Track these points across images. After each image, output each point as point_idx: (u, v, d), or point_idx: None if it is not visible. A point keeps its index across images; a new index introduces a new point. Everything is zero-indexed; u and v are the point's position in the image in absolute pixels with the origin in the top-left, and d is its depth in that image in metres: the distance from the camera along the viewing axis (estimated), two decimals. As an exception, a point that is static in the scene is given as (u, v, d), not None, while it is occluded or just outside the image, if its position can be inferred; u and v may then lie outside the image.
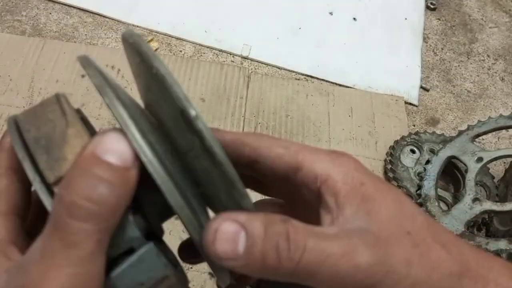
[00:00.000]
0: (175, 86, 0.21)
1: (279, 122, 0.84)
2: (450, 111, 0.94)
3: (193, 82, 0.86)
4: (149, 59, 0.22)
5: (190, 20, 0.97)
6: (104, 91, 0.21)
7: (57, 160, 0.21)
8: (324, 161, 0.24)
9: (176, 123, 0.23)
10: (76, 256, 0.19)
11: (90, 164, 0.20)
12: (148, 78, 0.23)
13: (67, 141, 0.22)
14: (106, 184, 0.20)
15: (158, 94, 0.23)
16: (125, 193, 0.21)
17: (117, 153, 0.20)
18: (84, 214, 0.19)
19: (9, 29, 0.89)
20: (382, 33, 1.03)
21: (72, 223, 0.19)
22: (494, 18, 1.12)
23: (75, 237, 0.19)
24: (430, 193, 0.73)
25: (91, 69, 0.22)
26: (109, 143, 0.20)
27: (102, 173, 0.20)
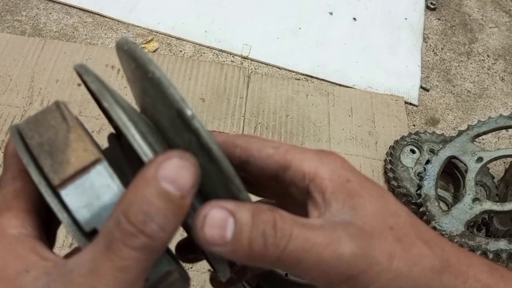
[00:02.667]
0: (171, 88, 0.21)
1: (279, 122, 0.84)
2: (450, 111, 0.94)
3: (193, 82, 0.86)
4: (145, 64, 0.22)
5: (190, 20, 0.97)
6: (103, 96, 0.22)
7: (61, 164, 0.22)
8: (312, 160, 0.25)
9: (172, 124, 0.23)
10: (122, 280, 0.20)
11: (150, 191, 0.20)
12: (144, 83, 0.23)
13: (70, 145, 0.22)
14: (163, 216, 0.20)
15: (154, 98, 0.24)
16: (179, 223, 0.21)
17: (177, 182, 0.20)
18: (139, 245, 0.20)
19: (9, 29, 0.89)
20: (382, 33, 1.03)
21: (125, 250, 0.20)
22: (494, 18, 1.12)
23: (125, 262, 0.20)
24: (430, 193, 0.73)
25: (89, 75, 0.23)
26: (170, 169, 0.20)
27: (161, 204, 0.20)
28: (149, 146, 0.22)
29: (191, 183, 0.20)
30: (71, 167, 0.22)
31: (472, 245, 0.67)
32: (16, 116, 0.77)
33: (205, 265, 0.66)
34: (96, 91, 0.22)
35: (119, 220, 0.20)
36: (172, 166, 0.20)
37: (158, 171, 0.20)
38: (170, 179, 0.20)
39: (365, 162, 0.81)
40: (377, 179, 0.80)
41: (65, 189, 0.22)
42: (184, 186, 0.20)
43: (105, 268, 0.20)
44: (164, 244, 0.21)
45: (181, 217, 0.21)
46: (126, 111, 0.22)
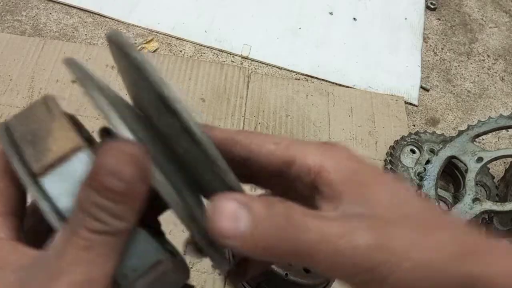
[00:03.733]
0: (151, 71, 0.21)
1: (279, 122, 0.84)
2: (450, 111, 0.94)
3: (193, 82, 0.86)
4: (128, 50, 0.22)
5: (190, 20, 0.97)
6: (85, 83, 0.22)
7: (42, 152, 0.22)
8: (316, 153, 0.25)
9: (157, 110, 0.23)
10: (86, 259, 0.20)
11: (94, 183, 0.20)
12: (131, 72, 0.23)
13: (52, 134, 0.22)
14: (112, 205, 0.20)
15: (140, 85, 0.23)
16: (134, 210, 0.21)
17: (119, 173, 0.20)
18: (96, 229, 0.20)
19: (9, 29, 0.89)
20: (382, 33, 1.03)
21: (84, 232, 0.20)
22: (494, 18, 1.12)
23: (87, 243, 0.20)
24: (430, 193, 0.73)
25: (73, 66, 0.23)
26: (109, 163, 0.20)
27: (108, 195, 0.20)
28: (132, 132, 0.21)
29: (136, 172, 0.20)
30: (52, 155, 0.22)
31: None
32: (16, 116, 0.77)
33: (205, 265, 0.66)
34: (77, 79, 0.22)
35: (78, 205, 0.21)
36: (111, 157, 0.20)
37: (100, 163, 0.20)
38: (112, 172, 0.20)
39: (365, 162, 0.81)
40: (377, 179, 0.80)
41: (46, 177, 0.22)
42: (129, 177, 0.20)
43: (70, 248, 0.20)
44: (124, 230, 0.21)
45: (136, 203, 0.21)
46: (109, 98, 0.22)
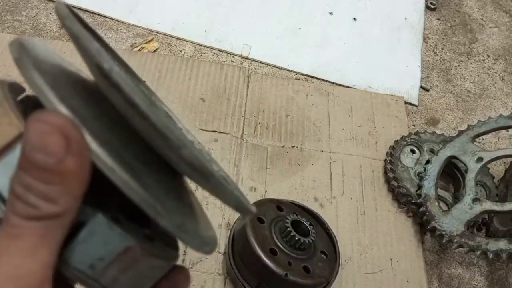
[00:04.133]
0: (86, 41, 0.19)
1: (279, 122, 0.84)
2: (450, 111, 0.94)
3: (193, 82, 0.86)
4: (63, 20, 0.20)
5: (190, 20, 0.97)
6: (21, 63, 0.20)
7: None
8: None
9: (102, 83, 0.21)
10: (17, 247, 0.19)
11: (23, 162, 0.19)
12: (76, 45, 0.22)
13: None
14: (41, 186, 0.19)
15: (84, 58, 0.22)
16: (70, 190, 0.19)
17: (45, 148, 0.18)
18: (24, 214, 0.19)
19: (9, 29, 0.89)
20: (382, 33, 1.03)
21: (13, 218, 0.19)
22: (494, 18, 1.12)
23: (17, 231, 0.19)
24: (430, 193, 0.73)
25: (14, 45, 0.21)
26: (33, 136, 0.18)
27: (36, 174, 0.19)
28: (70, 109, 0.19)
29: (62, 143, 0.18)
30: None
31: (472, 245, 0.67)
32: (16, 116, 0.77)
33: (205, 265, 0.66)
34: (15, 60, 0.21)
35: (10, 191, 0.19)
36: (35, 131, 0.18)
37: (25, 140, 0.19)
38: (37, 147, 0.18)
39: (365, 162, 0.81)
40: (377, 179, 0.80)
41: None
42: (54, 149, 0.18)
43: (0, 239, 0.19)
44: (59, 214, 0.19)
45: (71, 183, 0.19)
46: (48, 76, 0.20)
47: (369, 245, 0.73)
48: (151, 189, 0.21)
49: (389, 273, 0.71)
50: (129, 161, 0.21)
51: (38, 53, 0.23)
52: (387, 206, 0.77)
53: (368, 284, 0.69)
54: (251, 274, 0.61)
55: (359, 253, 0.72)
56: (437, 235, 0.69)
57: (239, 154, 0.78)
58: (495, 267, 0.76)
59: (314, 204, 0.74)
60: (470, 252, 0.68)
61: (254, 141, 0.81)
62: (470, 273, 0.75)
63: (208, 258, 0.67)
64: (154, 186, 0.22)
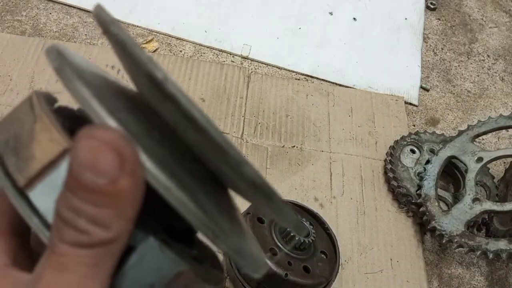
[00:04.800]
0: (136, 49, 0.18)
1: (279, 122, 0.84)
2: (450, 111, 0.94)
3: (193, 82, 0.86)
4: (107, 25, 0.19)
5: (190, 20, 0.97)
6: (63, 72, 0.19)
7: (26, 160, 0.19)
8: None
9: (152, 94, 0.19)
10: (65, 280, 0.17)
11: (71, 183, 0.17)
12: (120, 54, 0.20)
13: (35, 137, 0.19)
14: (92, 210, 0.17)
15: (129, 66, 0.20)
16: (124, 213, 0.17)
17: (96, 167, 0.16)
18: (73, 240, 0.17)
19: (9, 29, 0.89)
20: (382, 33, 1.03)
21: (60, 245, 0.17)
22: (494, 18, 1.12)
23: (63, 259, 0.17)
24: (430, 193, 0.73)
25: (52, 53, 0.20)
26: (83, 154, 0.16)
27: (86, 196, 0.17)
28: (120, 122, 0.18)
29: (116, 162, 0.16)
30: (36, 163, 0.18)
31: (472, 245, 0.67)
32: (16, 116, 0.77)
33: (205, 265, 0.66)
34: (56, 69, 0.19)
35: (56, 212, 0.17)
36: (85, 149, 0.16)
37: (73, 156, 0.16)
38: (87, 166, 0.16)
39: (365, 162, 0.81)
40: (377, 179, 0.80)
41: (33, 190, 0.18)
42: (106, 169, 0.16)
43: (46, 269, 0.17)
44: (111, 240, 0.17)
45: (124, 205, 0.17)
46: (93, 87, 0.19)
47: (369, 245, 0.73)
48: (207, 210, 0.19)
49: (389, 273, 0.71)
50: (182, 179, 0.19)
51: (77, 62, 0.21)
52: (387, 206, 0.77)
53: (368, 284, 0.69)
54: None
55: (359, 253, 0.72)
56: (437, 235, 0.69)
57: (239, 154, 0.78)
58: (495, 267, 0.76)
59: (314, 204, 0.74)
60: (470, 252, 0.68)
61: (254, 141, 0.81)
62: (470, 273, 0.75)
63: (208, 258, 0.67)
64: (209, 206, 0.20)
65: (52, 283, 0.17)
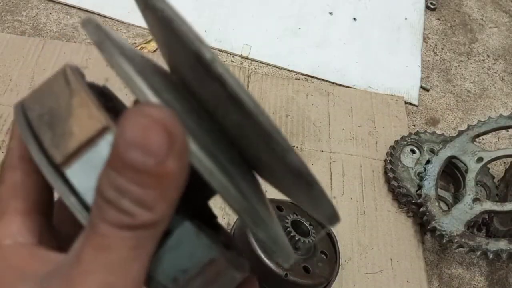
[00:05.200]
0: (183, 26, 0.17)
1: (279, 122, 0.84)
2: (450, 111, 0.94)
3: (193, 82, 0.86)
4: (153, 1, 0.18)
5: (190, 20, 0.96)
6: (104, 46, 0.18)
7: (63, 136, 0.18)
8: None
9: (195, 74, 0.19)
10: (106, 261, 0.17)
11: (116, 162, 0.16)
12: (160, 29, 0.19)
13: (72, 112, 0.18)
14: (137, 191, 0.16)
15: (172, 44, 0.19)
16: (169, 196, 0.17)
17: (146, 146, 0.16)
18: (116, 221, 0.17)
19: (9, 29, 0.89)
20: (382, 33, 1.03)
21: (103, 226, 0.17)
22: (494, 18, 1.12)
23: (106, 240, 0.17)
24: (430, 193, 0.73)
25: (91, 27, 0.19)
26: (132, 131, 0.16)
27: (132, 176, 0.16)
28: (165, 103, 0.17)
29: (166, 142, 0.16)
30: (74, 140, 0.18)
31: (472, 245, 0.67)
32: (16, 116, 0.77)
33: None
34: (96, 42, 0.18)
35: (97, 191, 0.17)
36: (135, 126, 0.16)
37: (121, 134, 0.16)
38: (136, 144, 0.16)
39: (365, 162, 0.81)
40: (377, 179, 0.80)
41: (70, 168, 0.18)
42: (157, 148, 0.16)
43: (86, 249, 0.17)
44: (154, 223, 0.17)
45: (170, 187, 0.17)
46: (135, 64, 0.18)
47: (369, 245, 0.73)
48: (247, 196, 0.19)
49: (389, 273, 0.71)
50: (223, 163, 0.19)
51: (115, 37, 0.20)
52: (387, 206, 0.77)
53: (368, 284, 0.69)
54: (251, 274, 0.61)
55: (359, 253, 0.72)
56: (437, 235, 0.69)
57: (239, 154, 0.78)
58: (495, 267, 0.76)
59: (314, 204, 0.74)
60: (470, 252, 0.68)
61: (254, 141, 0.81)
62: (470, 273, 0.75)
63: (208, 258, 0.67)
64: (248, 192, 0.20)
65: (93, 263, 0.17)
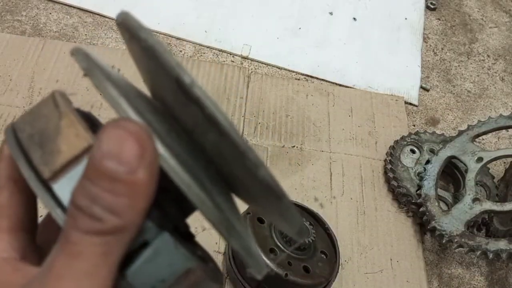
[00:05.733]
0: (165, 54, 0.19)
1: (279, 122, 0.84)
2: (450, 111, 0.94)
3: (193, 82, 0.86)
4: (136, 31, 0.20)
5: (190, 20, 0.97)
6: (93, 73, 0.20)
7: (51, 153, 0.20)
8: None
9: (176, 97, 0.21)
10: (77, 268, 0.18)
11: (91, 171, 0.18)
12: (144, 57, 0.21)
13: (60, 132, 0.20)
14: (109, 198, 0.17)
15: (154, 71, 0.21)
16: (138, 203, 0.18)
17: (119, 156, 0.17)
18: (87, 228, 0.18)
19: (9, 29, 0.89)
20: (382, 33, 1.03)
21: (74, 233, 0.18)
22: (494, 18, 1.12)
23: (77, 248, 0.18)
24: (430, 193, 0.73)
25: (80, 56, 0.21)
26: (106, 144, 0.17)
27: (104, 184, 0.17)
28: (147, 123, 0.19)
29: (137, 153, 0.17)
30: (62, 157, 0.19)
31: (472, 245, 0.67)
32: (16, 116, 0.77)
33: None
34: (84, 69, 0.20)
35: (71, 200, 0.18)
36: (111, 138, 0.17)
37: (97, 148, 0.17)
38: (111, 155, 0.17)
39: (365, 162, 0.81)
40: (377, 179, 0.80)
41: (57, 182, 0.19)
42: (129, 158, 0.17)
43: (59, 257, 0.18)
44: (122, 228, 0.18)
45: (139, 196, 0.18)
46: (120, 88, 0.20)
47: (369, 245, 0.73)
48: (222, 209, 0.20)
49: (389, 273, 0.71)
50: (201, 179, 0.20)
51: (103, 64, 0.22)
52: (387, 206, 0.77)
53: (368, 284, 0.69)
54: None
55: (359, 253, 0.72)
56: (437, 235, 0.69)
57: (239, 154, 0.78)
58: (495, 267, 0.76)
59: (314, 204, 0.74)
60: (470, 252, 0.68)
61: (254, 141, 0.81)
62: (470, 273, 0.75)
63: (208, 258, 0.67)
64: (223, 206, 0.21)
65: (63, 270, 0.18)
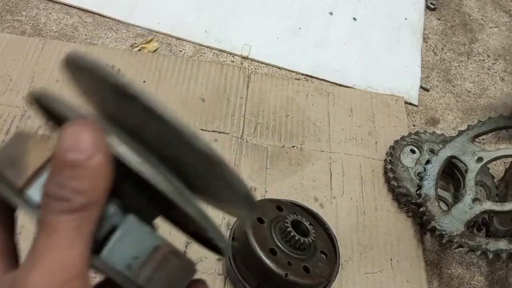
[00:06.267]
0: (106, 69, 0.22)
1: (279, 122, 0.84)
2: (450, 111, 0.94)
3: (193, 82, 0.86)
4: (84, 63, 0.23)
5: (190, 20, 0.97)
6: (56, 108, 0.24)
7: (22, 168, 0.23)
8: None
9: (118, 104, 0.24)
10: (57, 241, 0.21)
11: (57, 164, 0.21)
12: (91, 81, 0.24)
13: (28, 151, 0.24)
14: (75, 181, 0.21)
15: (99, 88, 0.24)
16: (100, 183, 0.22)
17: (77, 147, 0.21)
18: (57, 208, 0.21)
19: (9, 29, 0.89)
20: (382, 33, 1.03)
21: (48, 216, 0.21)
22: (494, 18, 1.12)
23: (53, 225, 0.21)
24: (430, 193, 0.73)
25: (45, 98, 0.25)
26: (65, 140, 0.21)
27: (70, 172, 0.21)
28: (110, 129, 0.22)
29: (92, 141, 0.21)
30: (31, 168, 0.23)
31: (472, 245, 0.67)
32: (16, 116, 0.77)
33: (205, 265, 0.66)
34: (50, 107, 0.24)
35: (43, 196, 0.22)
36: (68, 135, 0.21)
37: (59, 146, 0.21)
38: (70, 148, 0.21)
39: (365, 162, 0.81)
40: (377, 179, 0.80)
41: (30, 189, 0.23)
42: (85, 146, 0.21)
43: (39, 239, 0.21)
44: (88, 204, 0.21)
45: (98, 176, 0.21)
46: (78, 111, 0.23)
47: (369, 245, 0.73)
48: (176, 185, 0.24)
49: (389, 273, 0.71)
50: (153, 163, 0.23)
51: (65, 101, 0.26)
52: (387, 206, 0.77)
53: (368, 284, 0.69)
54: (251, 274, 0.61)
55: (359, 253, 0.72)
56: (437, 235, 0.69)
57: (239, 154, 0.78)
58: (495, 267, 0.76)
59: (314, 204, 0.74)
60: (470, 252, 0.68)
61: (254, 141, 0.81)
62: (470, 273, 0.75)
63: (208, 258, 0.67)
64: (177, 183, 0.24)
65: (44, 246, 0.21)
